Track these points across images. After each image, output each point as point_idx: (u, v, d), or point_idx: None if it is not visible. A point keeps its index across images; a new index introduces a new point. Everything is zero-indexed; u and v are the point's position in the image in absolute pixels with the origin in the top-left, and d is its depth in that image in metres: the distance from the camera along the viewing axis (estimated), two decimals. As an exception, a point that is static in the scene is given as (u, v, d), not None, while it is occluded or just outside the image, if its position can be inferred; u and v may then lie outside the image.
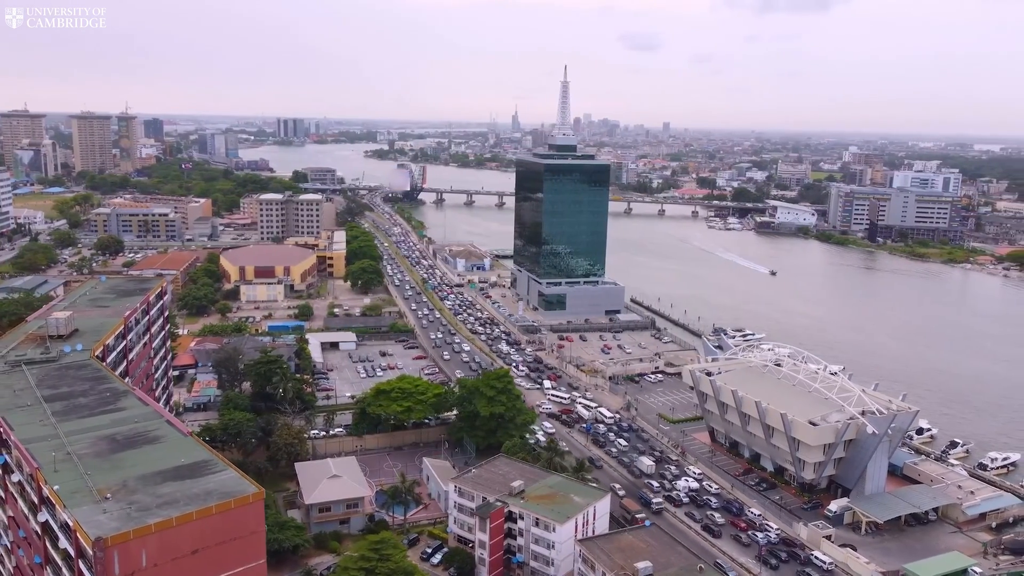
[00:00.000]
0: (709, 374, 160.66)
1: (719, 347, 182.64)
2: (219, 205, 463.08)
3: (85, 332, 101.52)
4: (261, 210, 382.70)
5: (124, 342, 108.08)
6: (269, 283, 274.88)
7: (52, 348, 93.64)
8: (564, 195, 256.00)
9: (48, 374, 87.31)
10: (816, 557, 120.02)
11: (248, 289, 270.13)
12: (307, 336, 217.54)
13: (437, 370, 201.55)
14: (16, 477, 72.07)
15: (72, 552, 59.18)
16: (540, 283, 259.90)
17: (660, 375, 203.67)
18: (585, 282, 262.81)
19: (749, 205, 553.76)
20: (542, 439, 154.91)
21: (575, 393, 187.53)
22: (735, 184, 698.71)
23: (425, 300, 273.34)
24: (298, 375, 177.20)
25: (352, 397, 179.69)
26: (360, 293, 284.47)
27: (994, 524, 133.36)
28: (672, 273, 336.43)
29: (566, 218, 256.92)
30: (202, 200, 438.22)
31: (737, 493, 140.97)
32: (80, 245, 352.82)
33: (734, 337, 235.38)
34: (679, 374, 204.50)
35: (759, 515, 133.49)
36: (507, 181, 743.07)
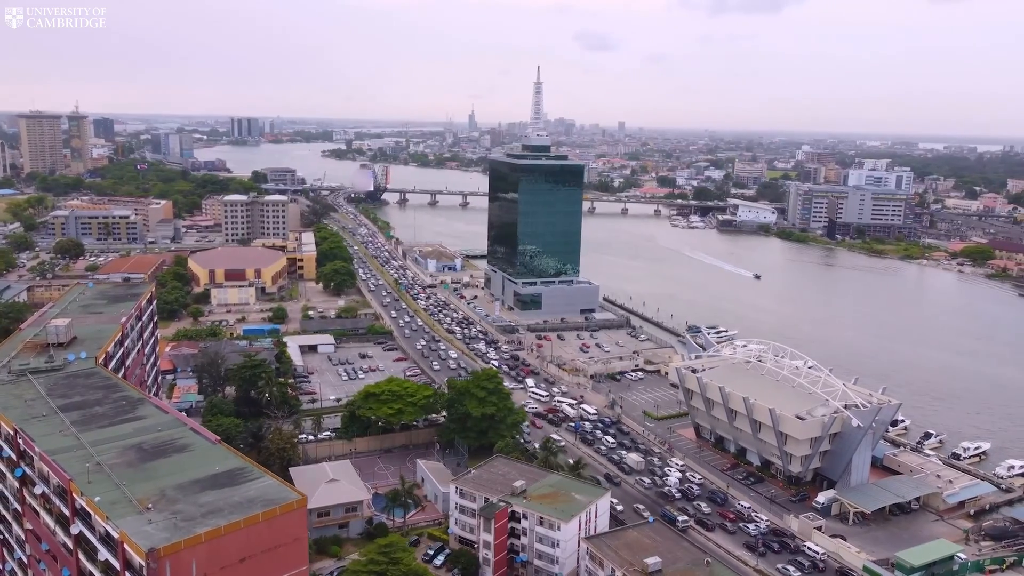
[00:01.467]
0: (694, 371, 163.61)
1: (702, 345, 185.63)
2: (179, 207, 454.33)
3: (84, 339, 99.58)
4: (225, 212, 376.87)
5: (122, 348, 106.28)
6: (240, 286, 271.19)
7: (56, 356, 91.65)
8: (539, 195, 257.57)
9: (57, 383, 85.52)
10: (808, 548, 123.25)
11: (219, 292, 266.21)
12: (285, 339, 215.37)
13: (419, 371, 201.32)
14: (39, 489, 70.62)
15: (117, 564, 58.28)
16: (515, 283, 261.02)
17: (640, 373, 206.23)
18: (560, 282, 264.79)
19: (711, 204, 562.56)
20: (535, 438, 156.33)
21: (554, 389, 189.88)
22: (694, 183, 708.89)
23: (400, 302, 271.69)
24: (281, 379, 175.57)
25: (337, 400, 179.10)
26: (333, 295, 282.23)
27: (972, 511, 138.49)
28: (642, 272, 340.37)
29: (541, 218, 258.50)
30: (163, 202, 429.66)
31: (724, 486, 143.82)
32: (38, 248, 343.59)
33: (708, 334, 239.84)
34: (659, 371, 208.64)
35: (748, 507, 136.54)
36: (469, 181, 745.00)
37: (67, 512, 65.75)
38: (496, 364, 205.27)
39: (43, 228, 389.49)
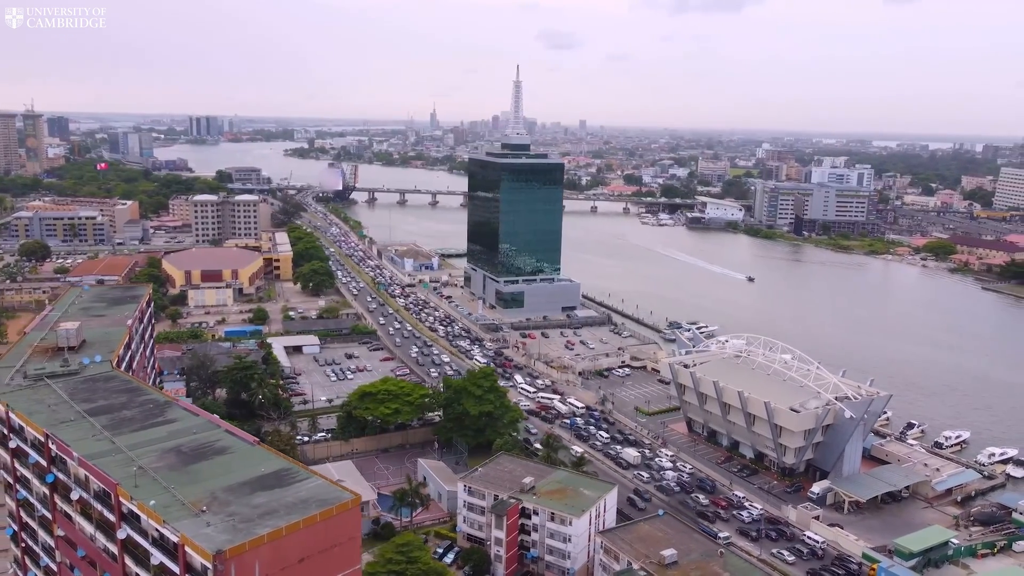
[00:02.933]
0: (686, 366, 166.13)
1: (691, 340, 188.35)
2: (144, 207, 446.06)
3: (93, 342, 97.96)
4: (195, 212, 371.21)
5: (129, 352, 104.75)
6: (218, 287, 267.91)
7: (71, 360, 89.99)
8: (520, 194, 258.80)
9: (77, 387, 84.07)
10: (808, 537, 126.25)
11: (196, 294, 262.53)
12: (270, 341, 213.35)
13: (409, 371, 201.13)
14: (76, 495, 69.47)
15: (176, 568, 57.68)
16: (498, 281, 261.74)
17: (627, 369, 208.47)
18: (542, 280, 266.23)
19: (679, 201, 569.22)
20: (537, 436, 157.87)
21: (538, 382, 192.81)
22: (660, 181, 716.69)
23: (386, 306, 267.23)
24: (272, 380, 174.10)
25: (329, 401, 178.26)
26: (312, 295, 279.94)
27: (959, 498, 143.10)
28: (617, 270, 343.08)
29: (522, 216, 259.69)
30: (129, 202, 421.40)
31: (726, 481, 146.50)
32: (1, 251, 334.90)
33: (690, 330, 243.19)
34: (645, 367, 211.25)
35: (743, 496, 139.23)
36: (436, 180, 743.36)
37: (111, 517, 64.86)
38: (484, 362, 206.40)
39: (4, 230, 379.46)
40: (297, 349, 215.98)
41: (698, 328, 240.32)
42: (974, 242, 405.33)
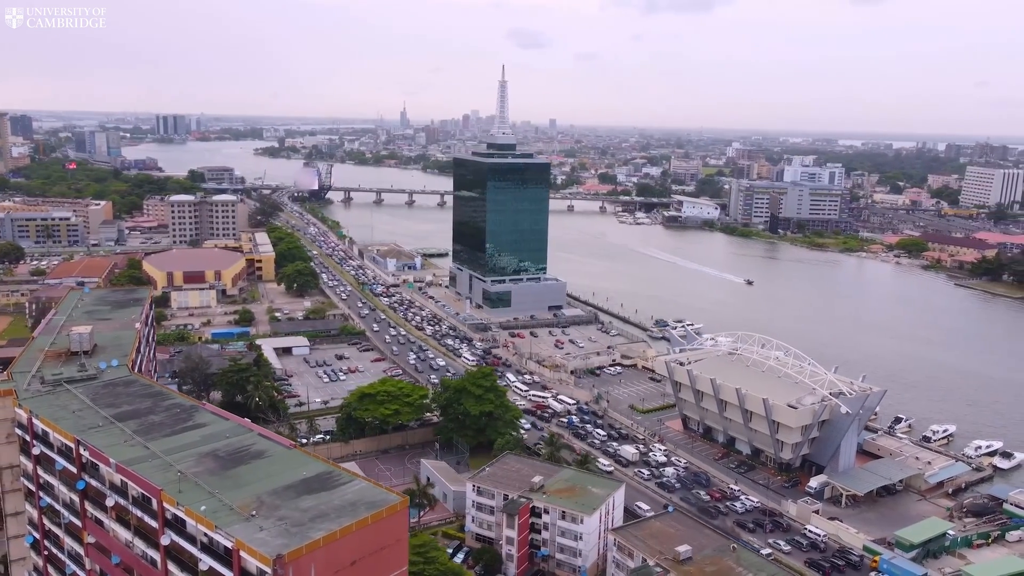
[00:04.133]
0: (681, 364, 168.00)
1: (685, 337, 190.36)
2: (118, 208, 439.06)
3: (105, 346, 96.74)
4: (172, 212, 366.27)
5: (139, 355, 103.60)
6: (201, 288, 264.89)
7: (88, 365, 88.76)
8: (507, 193, 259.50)
9: (98, 392, 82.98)
10: (809, 531, 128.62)
11: (179, 296, 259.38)
12: (259, 342, 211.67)
13: (401, 371, 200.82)
14: (111, 501, 68.67)
15: (230, 573, 57.37)
16: (484, 281, 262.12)
17: (618, 367, 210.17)
18: (528, 279, 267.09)
19: (655, 200, 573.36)
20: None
21: (523, 376, 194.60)
22: (634, 180, 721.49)
23: (377, 312, 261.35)
24: (268, 382, 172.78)
25: (324, 403, 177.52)
26: (296, 296, 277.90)
27: (951, 490, 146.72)
28: (599, 268, 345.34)
29: (509, 216, 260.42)
30: (103, 203, 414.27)
31: (721, 475, 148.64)
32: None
33: (676, 328, 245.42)
34: (635, 365, 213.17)
35: (737, 489, 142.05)
36: (410, 179, 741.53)
37: (153, 523, 64.29)
38: (472, 360, 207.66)
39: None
40: (287, 351, 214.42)
41: (684, 326, 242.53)
42: (945, 239, 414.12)
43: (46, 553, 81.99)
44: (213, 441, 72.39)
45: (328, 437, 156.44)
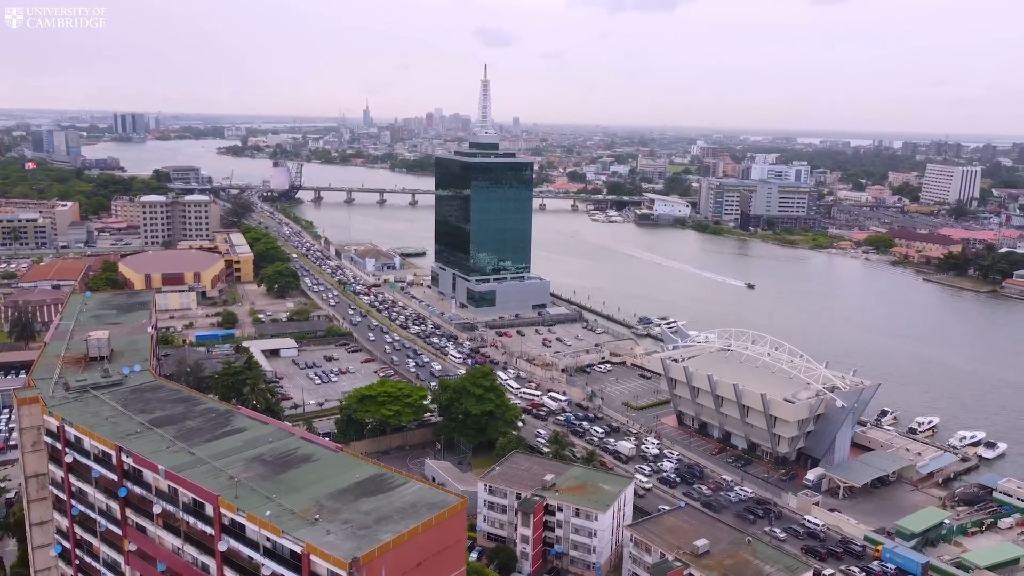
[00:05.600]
0: (675, 361, 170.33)
1: (676, 333, 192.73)
2: (84, 208, 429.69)
3: (121, 351, 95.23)
4: (144, 213, 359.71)
5: (153, 359, 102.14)
6: (180, 290, 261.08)
7: (111, 371, 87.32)
8: (491, 192, 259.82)
9: (126, 398, 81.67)
10: (808, 521, 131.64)
11: (159, 298, 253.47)
12: (246, 344, 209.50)
13: (393, 372, 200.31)
14: (158, 508, 67.82)
15: (299, 577, 57.23)
16: (469, 280, 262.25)
17: (608, 365, 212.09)
18: (512, 278, 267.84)
19: (626, 198, 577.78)
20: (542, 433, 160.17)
21: (509, 371, 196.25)
22: (603, 178, 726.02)
23: (368, 317, 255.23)
24: (262, 385, 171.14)
25: (319, 404, 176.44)
26: (277, 297, 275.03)
27: (941, 480, 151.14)
28: (577, 267, 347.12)
29: (493, 215, 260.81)
30: (70, 204, 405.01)
31: (719, 470, 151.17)
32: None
33: (660, 326, 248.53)
34: (624, 363, 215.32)
35: (731, 480, 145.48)
36: (378, 178, 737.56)
37: (208, 529, 63.69)
38: (459, 358, 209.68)
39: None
40: (274, 352, 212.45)
41: (668, 323, 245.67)
42: (911, 235, 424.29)
43: (77, 563, 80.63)
44: (256, 446, 71.86)
45: (326, 439, 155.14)
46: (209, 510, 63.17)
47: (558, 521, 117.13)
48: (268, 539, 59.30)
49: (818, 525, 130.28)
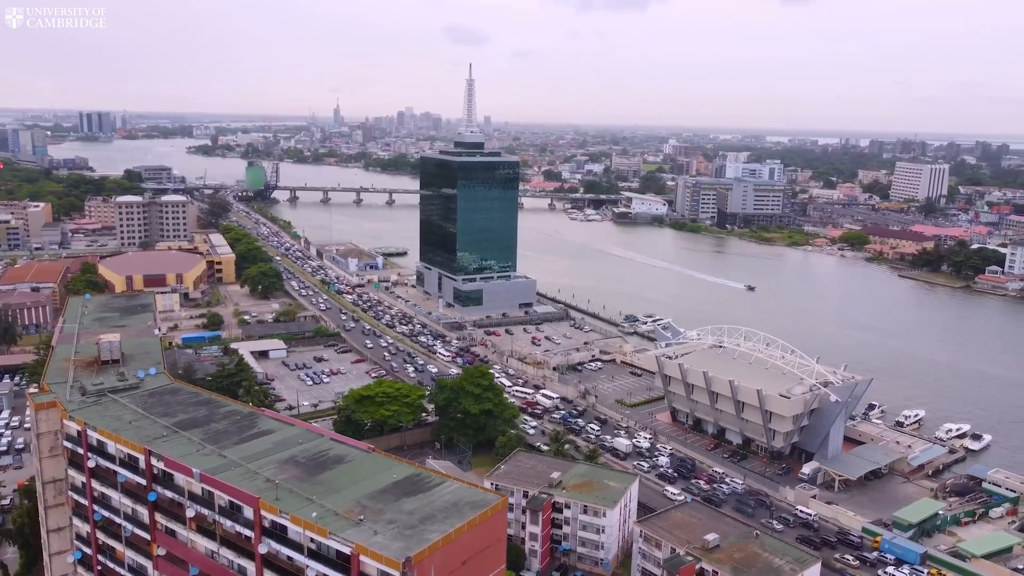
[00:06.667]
0: (669, 358, 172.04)
1: (668, 332, 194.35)
2: (56, 209, 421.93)
3: (131, 354, 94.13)
4: (121, 214, 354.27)
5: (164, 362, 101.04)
6: (163, 292, 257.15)
7: (127, 374, 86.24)
8: (478, 191, 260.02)
9: (146, 402, 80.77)
10: (801, 511, 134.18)
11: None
12: (234, 346, 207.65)
13: (385, 372, 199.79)
14: (191, 511, 67.28)
15: (347, 578, 57.18)
16: (455, 280, 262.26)
17: (599, 363, 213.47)
18: (498, 277, 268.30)
19: (603, 197, 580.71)
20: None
21: (494, 369, 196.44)
22: (578, 177, 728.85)
23: (349, 313, 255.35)
24: (257, 386, 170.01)
25: (314, 406, 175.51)
26: (261, 299, 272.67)
27: (931, 472, 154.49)
28: (560, 266, 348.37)
29: (480, 214, 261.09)
30: (42, 205, 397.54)
31: (715, 465, 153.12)
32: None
33: (646, 323, 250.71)
34: (614, 360, 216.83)
35: (723, 473, 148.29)
36: (353, 177, 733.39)
37: (246, 532, 63.34)
38: (447, 356, 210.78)
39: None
40: (263, 354, 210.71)
41: (655, 321, 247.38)
42: (885, 232, 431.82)
43: (99, 568, 79.59)
44: (287, 447, 71.59)
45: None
46: (248, 512, 62.89)
47: (565, 518, 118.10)
48: (312, 540, 59.25)
49: (810, 515, 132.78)
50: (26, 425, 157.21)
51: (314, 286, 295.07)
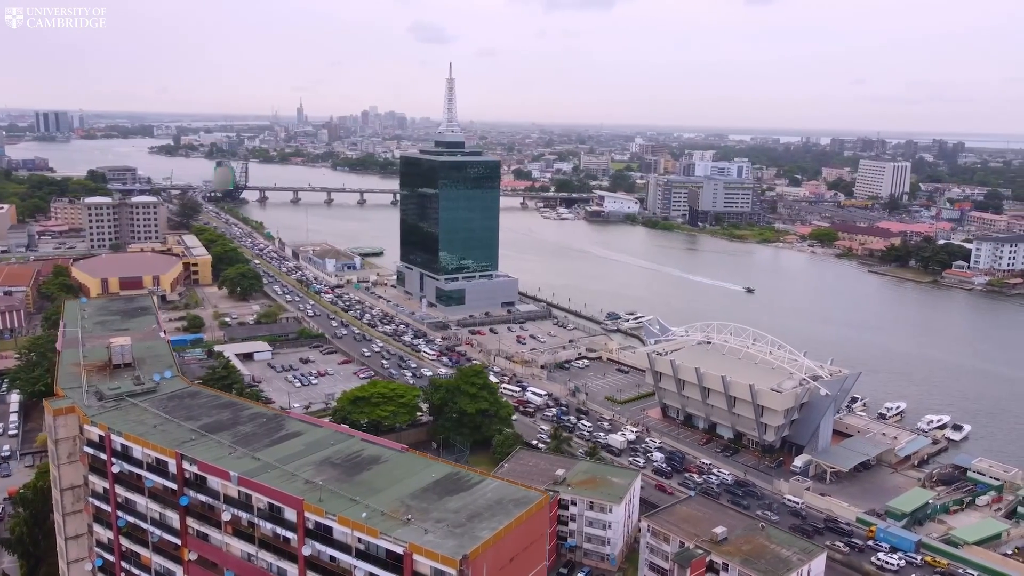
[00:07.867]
0: (660, 355, 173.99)
1: (656, 328, 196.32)
2: (20, 211, 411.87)
3: (141, 358, 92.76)
4: (90, 215, 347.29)
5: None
6: (140, 295, 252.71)
7: (143, 378, 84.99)
8: (459, 191, 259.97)
9: (167, 405, 79.73)
10: (790, 500, 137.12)
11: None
12: (218, 348, 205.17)
13: (373, 372, 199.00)
14: (227, 515, 66.61)
15: (399, 579, 57.15)
16: (438, 279, 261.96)
17: (585, 360, 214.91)
18: (480, 276, 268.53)
19: (575, 196, 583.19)
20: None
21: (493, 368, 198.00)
22: (548, 176, 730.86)
23: (335, 316, 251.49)
24: (248, 389, 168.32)
25: (305, 408, 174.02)
26: (240, 300, 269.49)
27: (916, 463, 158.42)
28: (539, 265, 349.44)
29: (461, 214, 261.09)
30: (6, 206, 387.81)
31: (710, 460, 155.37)
32: None
33: (628, 320, 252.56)
34: (600, 358, 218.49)
35: (710, 464, 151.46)
36: (322, 176, 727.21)
37: (290, 534, 62.97)
38: (432, 354, 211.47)
39: None
40: (248, 356, 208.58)
41: (636, 318, 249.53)
42: (852, 229, 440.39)
43: (122, 575, 78.39)
44: (320, 449, 71.34)
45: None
46: (289, 514, 62.64)
47: (571, 515, 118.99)
48: (360, 541, 59.24)
49: (798, 504, 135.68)
50: (11, 432, 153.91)
51: (306, 295, 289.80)
